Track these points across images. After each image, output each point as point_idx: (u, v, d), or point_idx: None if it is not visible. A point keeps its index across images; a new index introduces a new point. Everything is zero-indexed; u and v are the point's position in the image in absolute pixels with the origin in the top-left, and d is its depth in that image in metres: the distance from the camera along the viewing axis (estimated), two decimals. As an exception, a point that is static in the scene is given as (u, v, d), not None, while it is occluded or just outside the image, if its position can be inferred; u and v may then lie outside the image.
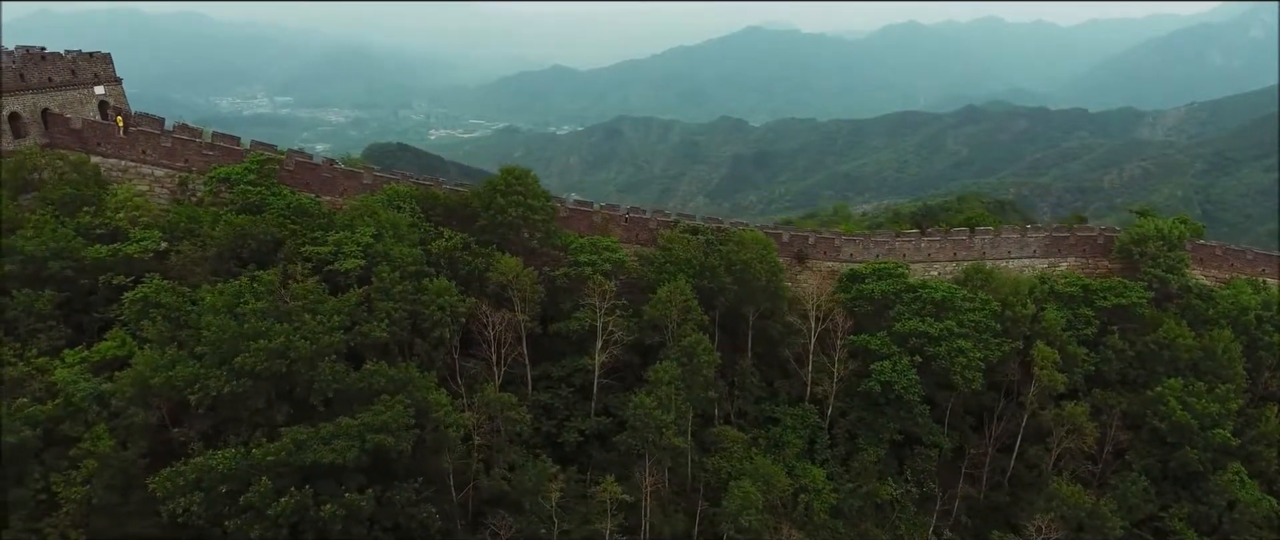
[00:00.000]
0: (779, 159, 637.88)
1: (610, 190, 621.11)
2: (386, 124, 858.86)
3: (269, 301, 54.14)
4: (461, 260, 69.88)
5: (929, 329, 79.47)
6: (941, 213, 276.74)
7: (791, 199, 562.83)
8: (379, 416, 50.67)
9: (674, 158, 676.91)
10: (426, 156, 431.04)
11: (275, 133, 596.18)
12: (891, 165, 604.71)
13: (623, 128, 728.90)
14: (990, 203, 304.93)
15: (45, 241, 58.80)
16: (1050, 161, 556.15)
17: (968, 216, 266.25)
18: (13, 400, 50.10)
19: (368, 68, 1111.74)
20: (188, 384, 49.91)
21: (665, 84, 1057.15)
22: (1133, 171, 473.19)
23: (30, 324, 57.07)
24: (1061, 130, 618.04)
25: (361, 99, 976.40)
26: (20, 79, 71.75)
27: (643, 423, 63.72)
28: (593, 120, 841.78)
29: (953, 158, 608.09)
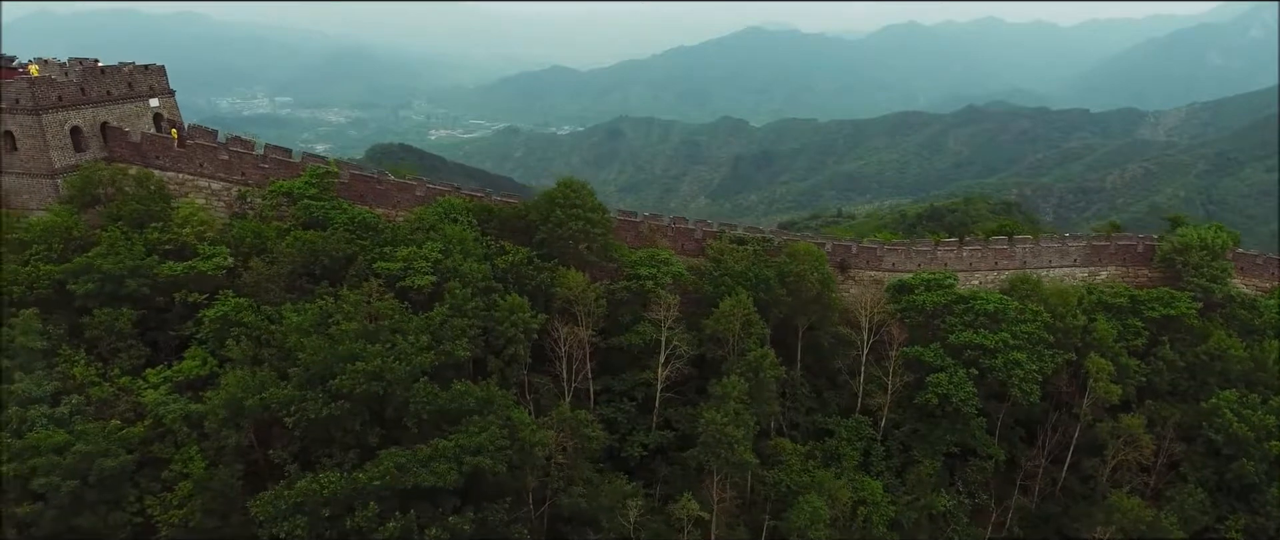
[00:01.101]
0: (780, 159, 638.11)
1: (611, 191, 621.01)
2: (386, 124, 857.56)
3: (360, 322, 53.94)
4: (527, 275, 69.58)
5: (984, 341, 79.56)
6: (948, 214, 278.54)
7: (793, 199, 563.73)
8: (474, 438, 50.66)
9: (675, 158, 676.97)
10: (428, 157, 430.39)
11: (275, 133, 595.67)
12: (893, 166, 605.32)
13: (623, 128, 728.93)
14: (996, 204, 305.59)
15: (122, 259, 58.54)
16: (1052, 162, 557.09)
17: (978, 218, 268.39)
18: (105, 422, 49.89)
19: (367, 68, 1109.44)
20: (284, 406, 49.80)
21: (665, 84, 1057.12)
22: (1135, 172, 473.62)
23: (111, 343, 56.95)
24: (1062, 131, 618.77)
25: (361, 99, 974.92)
26: (81, 93, 71.61)
27: (714, 438, 63.63)
28: (593, 120, 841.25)
29: (953, 158, 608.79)
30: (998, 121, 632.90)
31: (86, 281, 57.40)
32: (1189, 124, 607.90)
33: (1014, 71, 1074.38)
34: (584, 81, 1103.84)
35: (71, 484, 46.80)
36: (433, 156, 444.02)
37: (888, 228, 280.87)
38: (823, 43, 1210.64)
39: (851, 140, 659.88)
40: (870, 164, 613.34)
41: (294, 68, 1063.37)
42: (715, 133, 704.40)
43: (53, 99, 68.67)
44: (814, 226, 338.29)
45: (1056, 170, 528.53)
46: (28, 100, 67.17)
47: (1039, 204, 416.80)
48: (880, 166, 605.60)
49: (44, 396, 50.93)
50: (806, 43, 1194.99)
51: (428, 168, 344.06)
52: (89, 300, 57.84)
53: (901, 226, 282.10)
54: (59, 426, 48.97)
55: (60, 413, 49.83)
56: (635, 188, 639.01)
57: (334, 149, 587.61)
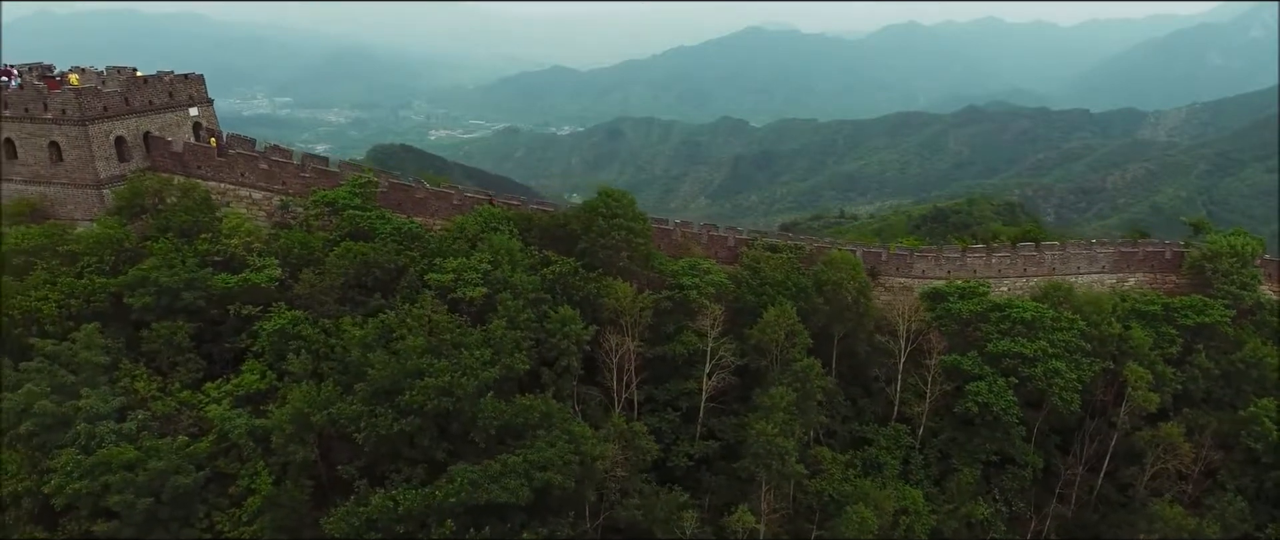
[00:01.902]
0: (780, 160, 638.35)
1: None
2: (386, 124, 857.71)
3: (426, 337, 53.97)
4: (574, 286, 69.60)
5: (1023, 349, 79.72)
6: (952, 215, 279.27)
7: (793, 199, 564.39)
8: (543, 453, 50.73)
9: (675, 158, 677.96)
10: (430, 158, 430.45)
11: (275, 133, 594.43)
12: (893, 166, 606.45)
13: (624, 128, 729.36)
14: (1000, 205, 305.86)
15: (177, 272, 58.54)
16: (1052, 162, 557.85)
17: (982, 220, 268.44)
18: (172, 437, 49.92)
19: (367, 68, 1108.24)
20: (352, 422, 49.84)
21: (665, 84, 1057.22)
22: (1136, 173, 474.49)
23: (170, 357, 56.97)
24: (1063, 131, 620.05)
25: (361, 99, 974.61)
26: (124, 103, 71.77)
27: (765, 450, 63.74)
28: (593, 121, 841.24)
29: (954, 158, 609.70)
30: (998, 122, 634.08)
31: (143, 295, 57.42)
32: (1189, 124, 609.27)
33: (1014, 71, 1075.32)
34: (584, 82, 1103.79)
35: (146, 502, 46.85)
36: (434, 157, 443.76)
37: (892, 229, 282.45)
38: (823, 43, 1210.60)
39: (852, 140, 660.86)
40: (870, 164, 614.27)
41: (294, 68, 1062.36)
42: (715, 133, 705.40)
43: (98, 109, 68.88)
44: (816, 227, 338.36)
45: (1057, 170, 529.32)
46: (75, 111, 67.34)
47: (1040, 204, 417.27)
48: (881, 167, 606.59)
49: (110, 412, 50.92)
50: (806, 43, 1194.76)
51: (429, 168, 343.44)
52: (146, 314, 57.82)
53: (905, 228, 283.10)
54: (127, 442, 48.91)
55: (127, 428, 49.87)
56: (636, 188, 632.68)
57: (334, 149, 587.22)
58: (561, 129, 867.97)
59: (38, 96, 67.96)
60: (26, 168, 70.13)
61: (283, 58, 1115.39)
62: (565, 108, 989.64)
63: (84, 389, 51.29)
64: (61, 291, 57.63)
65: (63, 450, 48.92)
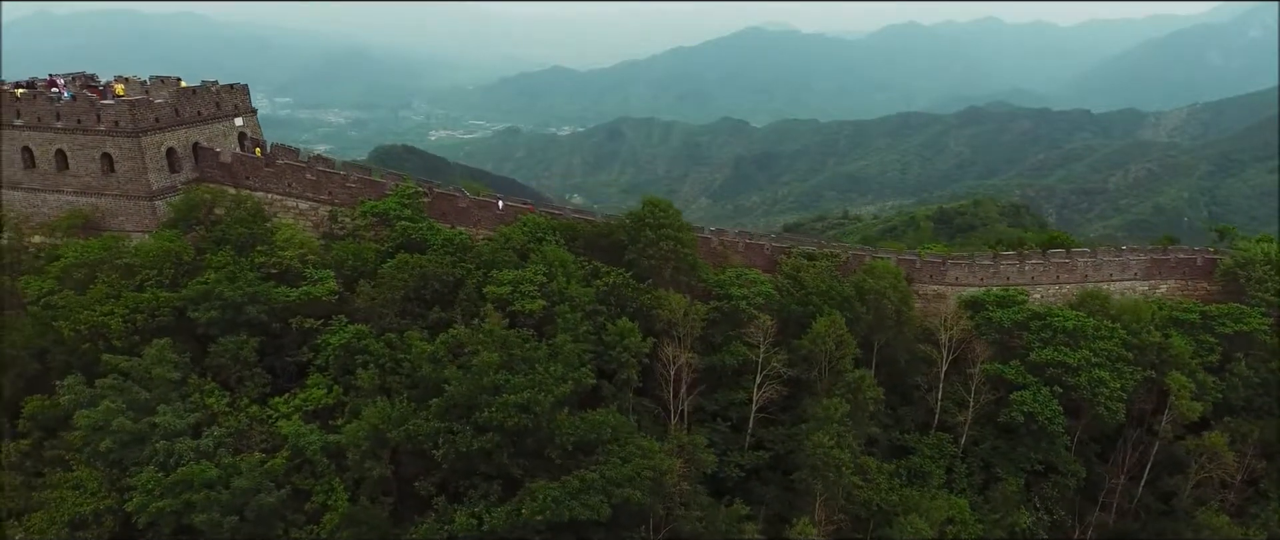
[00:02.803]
0: (781, 160, 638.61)
1: (613, 192, 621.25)
2: (386, 125, 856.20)
3: (501, 353, 53.95)
4: (627, 298, 69.58)
5: (1067, 359, 79.85)
6: (957, 216, 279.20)
7: (794, 200, 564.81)
8: (620, 470, 50.76)
9: (676, 159, 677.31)
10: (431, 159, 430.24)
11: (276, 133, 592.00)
12: (894, 166, 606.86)
13: (624, 129, 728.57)
14: (1005, 207, 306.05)
15: (240, 286, 58.47)
16: (1054, 163, 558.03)
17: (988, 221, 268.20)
18: (249, 454, 49.85)
19: (367, 68, 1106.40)
20: (430, 439, 49.82)
21: (665, 85, 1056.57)
22: (1138, 173, 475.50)
23: (237, 371, 56.87)
24: (1064, 131, 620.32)
25: (361, 100, 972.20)
26: (175, 114, 71.66)
27: (822, 462, 63.86)
28: (593, 121, 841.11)
29: (955, 159, 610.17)
30: (999, 122, 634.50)
31: (208, 309, 57.29)
32: (1190, 124, 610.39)
33: (1014, 72, 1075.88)
34: (583, 82, 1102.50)
35: (232, 520, 46.85)
36: (435, 158, 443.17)
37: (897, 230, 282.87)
38: (822, 43, 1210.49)
39: (853, 141, 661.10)
40: (872, 165, 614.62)
41: (294, 68, 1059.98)
42: (716, 133, 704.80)
43: (150, 121, 68.82)
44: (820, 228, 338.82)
45: (1058, 171, 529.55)
46: (128, 122, 67.30)
47: (1042, 205, 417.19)
48: (882, 167, 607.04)
49: (186, 429, 50.84)
50: (806, 43, 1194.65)
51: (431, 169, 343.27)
52: (211, 328, 57.74)
53: (910, 229, 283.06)
54: (205, 460, 48.85)
55: (204, 445, 49.78)
56: (637, 189, 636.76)
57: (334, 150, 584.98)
58: (561, 129, 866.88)
59: (91, 108, 67.85)
60: (77, 179, 70.04)
61: (282, 58, 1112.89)
62: (565, 108, 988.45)
63: (161, 406, 51.14)
64: (126, 306, 57.48)
65: (143, 468, 48.83)
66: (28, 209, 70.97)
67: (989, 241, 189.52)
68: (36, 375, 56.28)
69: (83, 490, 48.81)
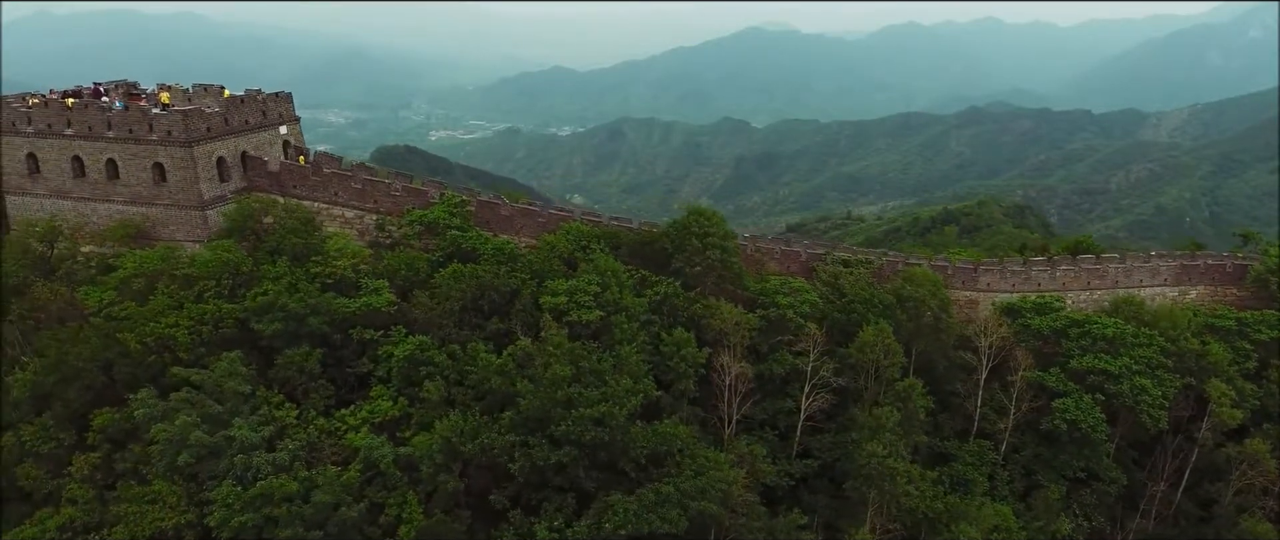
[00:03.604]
0: (782, 160, 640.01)
1: (614, 192, 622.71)
2: (386, 125, 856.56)
3: (571, 366, 54.12)
4: (678, 307, 69.77)
5: (1108, 366, 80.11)
6: (962, 217, 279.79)
7: (796, 200, 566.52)
8: (694, 482, 50.93)
9: (676, 159, 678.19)
10: (433, 160, 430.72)
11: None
12: (895, 167, 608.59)
13: (624, 129, 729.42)
14: (1009, 207, 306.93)
15: (302, 297, 58.61)
16: (1055, 163, 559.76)
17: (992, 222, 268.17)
18: (325, 467, 50.01)
19: (367, 68, 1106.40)
20: (505, 452, 50.00)
21: (665, 85, 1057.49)
22: (1139, 174, 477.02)
23: (303, 383, 57.01)
24: (1064, 131, 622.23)
25: (361, 100, 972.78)
26: (225, 123, 71.86)
27: (876, 471, 64.12)
28: (593, 121, 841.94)
29: (956, 159, 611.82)
30: (1000, 122, 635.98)
31: (272, 320, 57.41)
32: (1191, 125, 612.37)
33: (1014, 72, 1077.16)
34: (583, 82, 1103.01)
35: (316, 535, 46.97)
36: (437, 159, 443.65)
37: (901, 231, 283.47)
38: (822, 43, 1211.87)
39: (854, 141, 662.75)
40: (873, 165, 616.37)
41: (293, 68, 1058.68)
42: (717, 133, 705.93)
43: (202, 130, 68.93)
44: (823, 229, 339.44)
45: (1060, 171, 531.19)
46: (180, 132, 67.48)
47: (1043, 206, 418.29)
48: (883, 168, 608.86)
49: (261, 443, 50.97)
50: (806, 43, 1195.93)
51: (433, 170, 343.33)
52: (274, 339, 57.88)
53: (915, 230, 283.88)
54: (282, 473, 48.97)
55: (279, 458, 49.88)
56: (637, 189, 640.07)
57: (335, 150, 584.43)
58: (562, 130, 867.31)
59: (143, 118, 68.07)
60: (128, 188, 70.25)
61: (282, 58, 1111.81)
62: (565, 108, 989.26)
63: (236, 419, 51.29)
64: (190, 317, 57.64)
65: (219, 482, 48.99)
66: (77, 218, 71.21)
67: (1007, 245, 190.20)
68: (102, 387, 56.40)
69: (162, 504, 49.01)
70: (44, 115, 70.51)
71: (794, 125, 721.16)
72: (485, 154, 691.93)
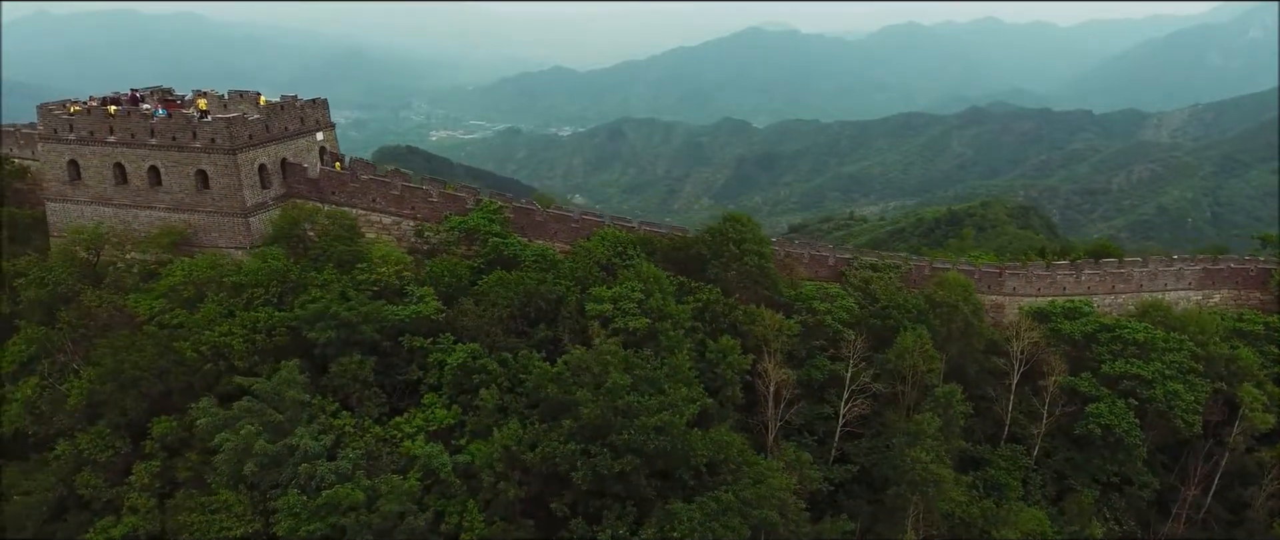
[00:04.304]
0: (783, 160, 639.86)
1: (615, 192, 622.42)
2: (386, 125, 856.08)
3: (628, 376, 54.42)
4: (719, 314, 70.07)
5: (1141, 371, 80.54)
6: (967, 218, 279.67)
7: (797, 200, 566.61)
8: (753, 490, 51.27)
9: (677, 159, 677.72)
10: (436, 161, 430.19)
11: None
12: (896, 167, 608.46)
13: (625, 129, 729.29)
14: (1013, 208, 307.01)
15: (354, 306, 58.89)
16: (1056, 163, 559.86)
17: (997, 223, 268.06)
18: (388, 476, 50.25)
19: (366, 68, 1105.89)
20: (567, 461, 50.30)
21: (665, 85, 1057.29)
22: (1141, 174, 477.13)
23: (358, 392, 57.28)
24: (1065, 132, 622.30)
25: (361, 100, 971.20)
26: (266, 130, 72.08)
27: (921, 477, 64.49)
28: (593, 121, 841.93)
29: (957, 159, 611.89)
30: (1000, 123, 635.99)
31: (325, 328, 57.66)
32: (1192, 125, 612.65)
33: (1014, 72, 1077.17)
34: (584, 82, 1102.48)
35: (385, 544, 47.33)
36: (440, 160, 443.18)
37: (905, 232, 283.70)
38: (822, 43, 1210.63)
39: (855, 141, 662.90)
40: (874, 165, 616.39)
41: (293, 68, 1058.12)
42: (717, 134, 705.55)
43: (245, 137, 69.13)
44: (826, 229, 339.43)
45: (1061, 172, 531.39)
46: (225, 140, 67.66)
47: (1045, 206, 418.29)
48: (884, 168, 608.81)
49: (322, 451, 51.21)
50: (806, 43, 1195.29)
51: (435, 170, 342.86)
52: (327, 348, 58.15)
53: (919, 230, 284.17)
54: (346, 482, 49.22)
55: (342, 467, 50.13)
56: (638, 189, 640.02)
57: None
58: (562, 129, 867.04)
59: (187, 125, 68.26)
60: (170, 195, 70.42)
61: (281, 58, 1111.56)
62: (565, 108, 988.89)
63: (299, 428, 51.53)
64: (243, 325, 57.91)
65: (282, 490, 49.28)
66: (118, 225, 71.34)
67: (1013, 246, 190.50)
68: (157, 395, 56.66)
69: (229, 513, 49.27)
70: (86, 122, 70.67)
71: (795, 125, 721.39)
72: (486, 154, 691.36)
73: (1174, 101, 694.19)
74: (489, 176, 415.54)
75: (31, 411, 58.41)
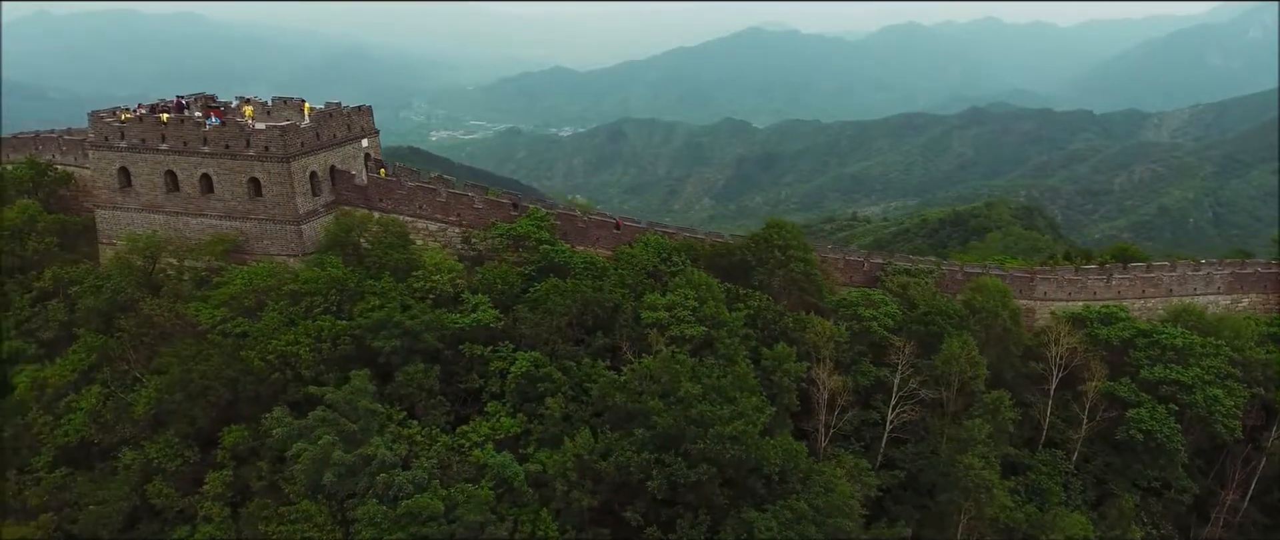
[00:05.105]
0: (784, 161, 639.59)
1: (615, 192, 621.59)
2: (386, 125, 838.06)
3: (700, 384, 54.76)
4: (770, 321, 70.42)
5: (1181, 377, 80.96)
6: (971, 218, 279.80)
7: (798, 201, 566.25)
8: (825, 498, 51.65)
9: (678, 159, 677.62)
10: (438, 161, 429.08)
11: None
12: (897, 167, 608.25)
13: (626, 129, 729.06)
14: (1017, 209, 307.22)
15: (416, 314, 59.18)
16: (1057, 164, 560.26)
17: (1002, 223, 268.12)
18: (462, 486, 50.49)
19: (367, 68, 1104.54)
20: (642, 470, 50.62)
21: (665, 85, 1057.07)
22: (1142, 174, 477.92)
23: (424, 400, 57.56)
24: (1066, 132, 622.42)
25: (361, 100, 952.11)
26: (316, 138, 72.39)
27: (974, 483, 64.90)
28: (593, 122, 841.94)
29: (958, 160, 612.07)
30: (1001, 123, 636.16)
31: (389, 337, 57.95)
32: (1193, 125, 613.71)
33: (1014, 72, 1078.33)
34: (584, 82, 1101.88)
35: (466, 554, 47.57)
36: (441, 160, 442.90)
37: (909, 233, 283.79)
38: (822, 43, 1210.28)
39: (855, 141, 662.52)
40: (875, 165, 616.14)
41: (293, 68, 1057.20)
42: (718, 134, 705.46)
43: (298, 145, 69.40)
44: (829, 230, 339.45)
45: (1062, 172, 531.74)
46: (278, 148, 67.90)
47: (1046, 206, 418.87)
48: (885, 168, 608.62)
49: (397, 461, 51.49)
50: (806, 43, 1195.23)
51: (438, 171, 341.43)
52: (392, 357, 58.44)
53: (924, 231, 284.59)
54: (421, 492, 49.48)
55: (418, 477, 50.40)
56: (639, 189, 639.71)
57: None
58: (562, 130, 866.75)
59: (240, 134, 68.54)
60: (223, 203, 70.69)
61: (281, 58, 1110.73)
62: (565, 108, 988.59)
63: (374, 438, 51.81)
64: (309, 334, 58.16)
65: (359, 500, 49.52)
66: (169, 233, 71.60)
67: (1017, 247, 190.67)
68: (227, 404, 56.94)
69: (310, 522, 49.53)
70: (138, 130, 70.93)
71: (795, 125, 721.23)
72: (486, 154, 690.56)
73: (1174, 102, 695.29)
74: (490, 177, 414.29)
75: (96, 420, 58.67)
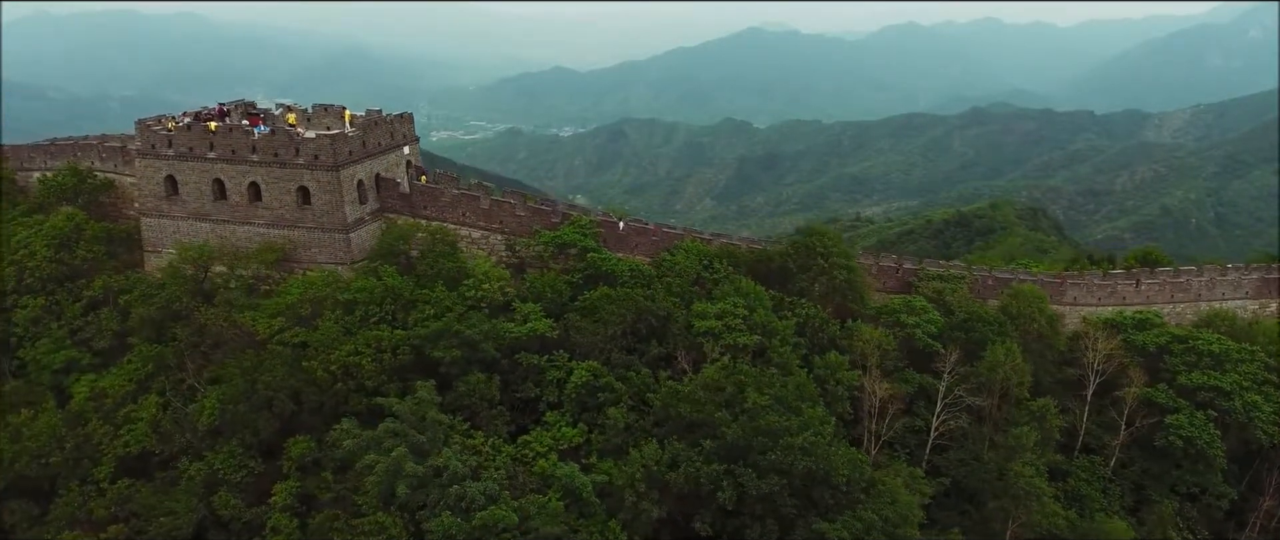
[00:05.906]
0: (785, 161, 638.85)
1: (616, 192, 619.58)
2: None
3: (766, 395, 54.97)
4: (817, 329, 70.61)
5: (1219, 383, 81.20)
6: (975, 219, 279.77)
7: (799, 201, 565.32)
8: (891, 508, 51.87)
9: (679, 160, 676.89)
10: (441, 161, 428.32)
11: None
12: (898, 167, 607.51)
13: (626, 129, 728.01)
14: (1021, 210, 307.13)
15: (474, 324, 59.33)
16: (1058, 164, 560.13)
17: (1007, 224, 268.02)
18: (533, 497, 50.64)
19: (367, 68, 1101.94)
20: (712, 481, 50.81)
21: (666, 85, 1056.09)
22: (1144, 175, 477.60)
23: (485, 411, 57.68)
24: (1067, 132, 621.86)
25: (361, 100, 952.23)
26: (363, 146, 72.53)
27: (1024, 491, 65.16)
28: (594, 122, 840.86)
29: (959, 160, 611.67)
30: (1002, 123, 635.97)
31: (449, 347, 58.10)
32: (1194, 126, 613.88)
33: (1014, 72, 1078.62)
34: (584, 82, 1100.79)
35: (546, 566, 47.73)
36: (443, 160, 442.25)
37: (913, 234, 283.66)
38: (822, 43, 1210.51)
39: (856, 142, 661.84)
40: (876, 166, 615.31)
41: (294, 68, 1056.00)
42: (718, 134, 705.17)
43: (346, 154, 69.57)
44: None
45: (1063, 172, 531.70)
46: (328, 156, 68.12)
47: (1048, 207, 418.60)
48: (886, 168, 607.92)
49: (467, 472, 51.60)
50: (806, 43, 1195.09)
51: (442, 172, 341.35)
52: (451, 367, 58.56)
53: (928, 232, 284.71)
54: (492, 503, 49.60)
55: (490, 488, 50.52)
56: (640, 190, 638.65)
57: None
58: (562, 130, 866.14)
59: (289, 142, 68.73)
60: (270, 211, 70.90)
61: (282, 58, 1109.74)
62: (565, 109, 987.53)
63: (445, 450, 51.94)
64: (369, 344, 58.26)
65: (431, 512, 49.61)
66: (215, 240, 71.71)
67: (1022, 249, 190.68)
68: (290, 415, 57.07)
69: (384, 534, 49.61)
70: (186, 138, 71.07)
71: (796, 126, 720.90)
72: (487, 155, 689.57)
73: (1174, 102, 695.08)
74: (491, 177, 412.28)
75: (156, 430, 58.80)
